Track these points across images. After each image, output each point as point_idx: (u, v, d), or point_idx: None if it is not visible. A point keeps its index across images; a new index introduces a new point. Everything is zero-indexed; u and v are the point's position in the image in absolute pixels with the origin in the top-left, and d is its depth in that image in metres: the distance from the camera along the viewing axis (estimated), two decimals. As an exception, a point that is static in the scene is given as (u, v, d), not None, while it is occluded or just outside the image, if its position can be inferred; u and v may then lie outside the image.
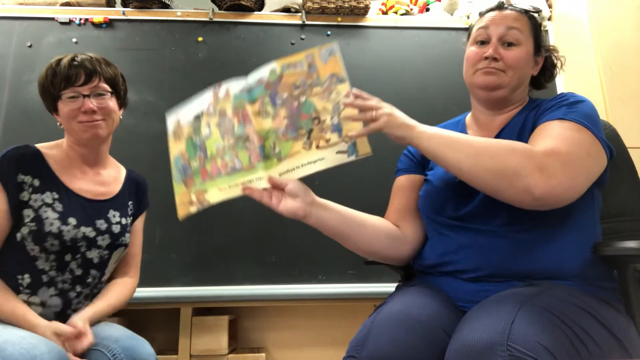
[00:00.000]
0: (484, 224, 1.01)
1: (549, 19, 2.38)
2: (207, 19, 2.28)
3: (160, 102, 2.16)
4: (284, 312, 2.20)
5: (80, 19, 2.22)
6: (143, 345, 1.16)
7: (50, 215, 1.22)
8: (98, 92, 1.29)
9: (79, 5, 2.25)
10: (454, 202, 1.07)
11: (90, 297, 1.30)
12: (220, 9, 2.32)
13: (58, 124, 1.34)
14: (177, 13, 2.28)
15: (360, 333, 0.89)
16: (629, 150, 1.21)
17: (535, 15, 1.15)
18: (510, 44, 1.09)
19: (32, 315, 1.15)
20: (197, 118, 1.09)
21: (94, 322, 1.22)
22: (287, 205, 1.00)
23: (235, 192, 1.03)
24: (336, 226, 1.05)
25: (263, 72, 1.05)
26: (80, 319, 1.16)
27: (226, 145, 1.06)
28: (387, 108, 0.98)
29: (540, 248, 0.95)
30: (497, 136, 1.09)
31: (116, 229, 1.33)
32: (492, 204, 0.97)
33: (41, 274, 1.21)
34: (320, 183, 1.63)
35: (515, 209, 0.92)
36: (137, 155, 2.05)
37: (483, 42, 1.12)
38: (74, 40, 2.20)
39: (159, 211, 1.74)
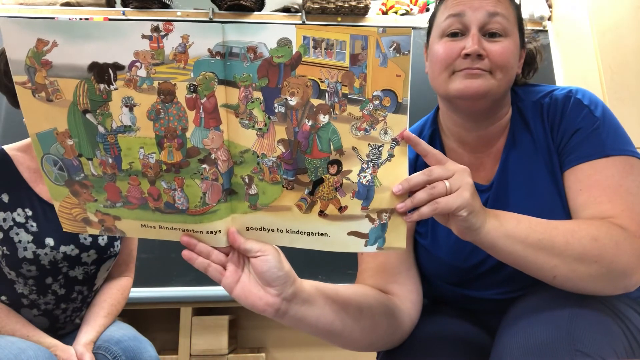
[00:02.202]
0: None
1: (549, 19, 2.38)
2: (207, 19, 2.28)
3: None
4: (284, 312, 2.21)
5: (80, 19, 2.22)
6: (146, 347, 1.13)
7: (23, 238, 1.10)
8: None
9: (79, 5, 2.25)
10: (467, 280, 0.88)
11: (81, 308, 1.23)
12: (220, 9, 2.32)
13: (24, 120, 1.18)
14: (177, 13, 2.28)
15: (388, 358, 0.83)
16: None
17: None
18: (493, 35, 0.81)
19: (37, 337, 1.09)
20: (101, 75, 0.57)
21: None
22: (249, 292, 0.65)
23: (169, 235, 0.67)
24: (324, 326, 0.71)
25: (265, 37, 0.56)
26: (86, 348, 1.09)
27: (163, 160, 0.60)
28: (466, 174, 0.63)
29: None
30: (503, 165, 0.88)
31: (103, 241, 1.21)
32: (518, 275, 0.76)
33: (21, 297, 1.13)
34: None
35: None
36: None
37: (455, 34, 0.82)
38: (74, 40, 2.20)
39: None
